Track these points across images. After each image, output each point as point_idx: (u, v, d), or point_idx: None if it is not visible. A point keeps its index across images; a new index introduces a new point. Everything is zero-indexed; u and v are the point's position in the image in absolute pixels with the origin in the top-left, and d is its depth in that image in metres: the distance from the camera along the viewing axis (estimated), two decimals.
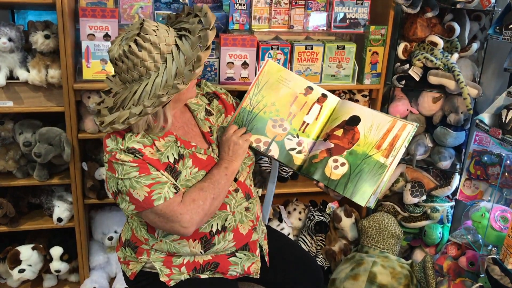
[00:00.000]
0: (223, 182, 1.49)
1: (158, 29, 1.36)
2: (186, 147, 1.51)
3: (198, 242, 1.52)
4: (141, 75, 1.37)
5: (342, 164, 1.52)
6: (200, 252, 1.53)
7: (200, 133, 1.60)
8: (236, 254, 1.60)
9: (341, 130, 1.57)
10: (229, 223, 1.55)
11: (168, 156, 1.46)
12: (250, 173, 1.70)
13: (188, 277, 1.55)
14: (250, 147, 1.63)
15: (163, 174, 1.41)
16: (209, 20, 1.39)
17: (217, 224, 1.53)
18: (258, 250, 1.65)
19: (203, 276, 1.57)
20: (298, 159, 1.60)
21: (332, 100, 1.65)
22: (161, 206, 1.38)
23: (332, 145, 1.55)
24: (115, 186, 1.43)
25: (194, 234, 1.50)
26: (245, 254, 1.61)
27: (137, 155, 1.39)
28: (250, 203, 1.63)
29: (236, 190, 1.58)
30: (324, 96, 1.65)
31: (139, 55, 1.33)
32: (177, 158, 1.47)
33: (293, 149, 1.61)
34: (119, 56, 1.36)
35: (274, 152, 1.61)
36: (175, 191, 1.41)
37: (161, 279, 1.54)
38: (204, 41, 1.35)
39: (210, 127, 1.62)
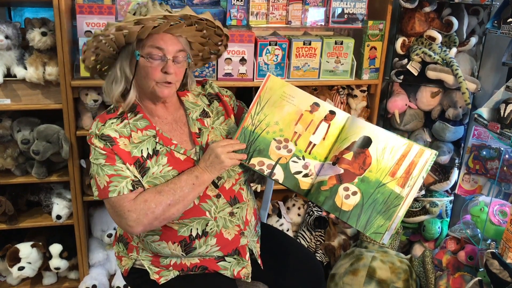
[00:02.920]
0: (187, 190, 1.42)
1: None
2: (164, 144, 1.48)
3: (178, 245, 1.50)
4: None
5: (354, 193, 1.39)
6: (182, 254, 1.52)
7: (188, 133, 1.56)
8: (226, 258, 1.57)
9: (351, 153, 1.42)
10: (211, 228, 1.50)
11: (142, 149, 1.45)
12: (243, 179, 1.60)
13: (178, 273, 1.54)
14: (253, 170, 1.52)
15: (127, 169, 1.42)
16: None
17: (197, 229, 1.49)
18: (247, 255, 1.61)
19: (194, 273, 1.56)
20: (305, 183, 1.47)
21: (341, 117, 1.48)
22: (113, 199, 1.40)
23: (342, 171, 1.41)
24: (91, 168, 1.46)
25: (173, 237, 1.49)
26: (235, 258, 1.58)
27: (108, 143, 1.41)
28: (237, 208, 1.56)
29: (217, 196, 1.52)
30: (332, 113, 1.48)
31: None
32: (150, 153, 1.45)
33: (299, 172, 1.47)
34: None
35: (279, 176, 1.48)
36: (132, 188, 1.40)
37: (152, 277, 1.53)
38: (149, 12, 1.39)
39: (199, 129, 1.56)
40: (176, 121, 1.55)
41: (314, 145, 1.48)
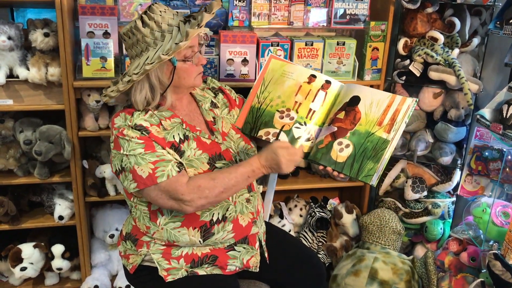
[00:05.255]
0: (241, 180, 1.49)
1: (165, 12, 1.47)
2: (191, 130, 1.56)
3: (198, 231, 1.54)
4: (142, 50, 1.48)
5: (347, 146, 1.52)
6: (199, 241, 1.55)
7: (204, 122, 1.65)
8: (235, 247, 1.61)
9: (343, 112, 1.57)
10: (230, 214, 1.57)
11: (174, 135, 1.52)
12: None
13: (186, 274, 1.56)
14: (260, 140, 1.67)
15: (168, 153, 1.47)
16: (212, 6, 1.47)
17: (218, 214, 1.55)
18: (257, 244, 1.67)
19: (201, 272, 1.57)
20: (306, 146, 1.61)
21: (336, 86, 1.65)
22: (164, 183, 1.43)
23: (336, 129, 1.56)
24: (119, 163, 1.47)
25: (195, 222, 1.53)
26: (244, 248, 1.63)
27: (143, 132, 1.46)
28: (251, 196, 1.65)
29: None
30: (328, 82, 1.65)
31: (142, 31, 1.45)
32: (182, 138, 1.53)
33: (301, 137, 1.62)
34: (127, 32, 1.48)
35: None
36: (178, 170, 1.46)
37: (160, 273, 1.55)
38: (199, 21, 1.43)
39: (213, 117, 1.67)
40: (192, 112, 1.65)
41: (314, 111, 1.63)
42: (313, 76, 1.66)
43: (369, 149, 1.50)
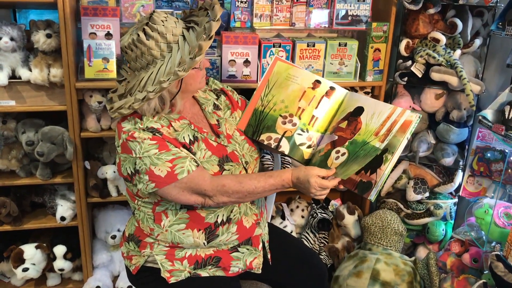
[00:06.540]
0: (268, 191, 1.53)
1: (166, 20, 1.44)
2: (199, 131, 1.56)
3: (203, 233, 1.54)
4: (148, 63, 1.44)
5: (343, 154, 1.53)
6: (203, 243, 1.55)
7: (208, 125, 1.64)
8: (239, 249, 1.62)
9: (345, 122, 1.57)
10: (234, 215, 1.57)
11: (184, 136, 1.51)
12: (257, 168, 1.72)
13: (189, 275, 1.56)
14: (262, 144, 1.67)
15: (182, 150, 1.46)
16: (216, 12, 1.44)
17: (223, 215, 1.56)
18: (260, 245, 1.67)
19: (204, 274, 1.57)
20: (307, 153, 1.62)
21: (340, 92, 1.65)
22: (185, 179, 1.43)
23: (336, 137, 1.56)
24: (131, 167, 1.46)
25: (199, 224, 1.54)
26: (247, 249, 1.63)
27: (156, 133, 1.45)
28: None
29: None
30: (332, 89, 1.64)
31: (147, 44, 1.41)
32: (192, 139, 1.53)
33: (303, 144, 1.62)
34: (129, 45, 1.44)
35: (284, 148, 1.62)
36: (196, 164, 1.46)
37: (162, 275, 1.55)
38: (207, 31, 1.41)
39: (217, 120, 1.66)
40: (196, 115, 1.64)
41: (317, 118, 1.63)
42: (318, 81, 1.65)
43: (360, 156, 1.50)
